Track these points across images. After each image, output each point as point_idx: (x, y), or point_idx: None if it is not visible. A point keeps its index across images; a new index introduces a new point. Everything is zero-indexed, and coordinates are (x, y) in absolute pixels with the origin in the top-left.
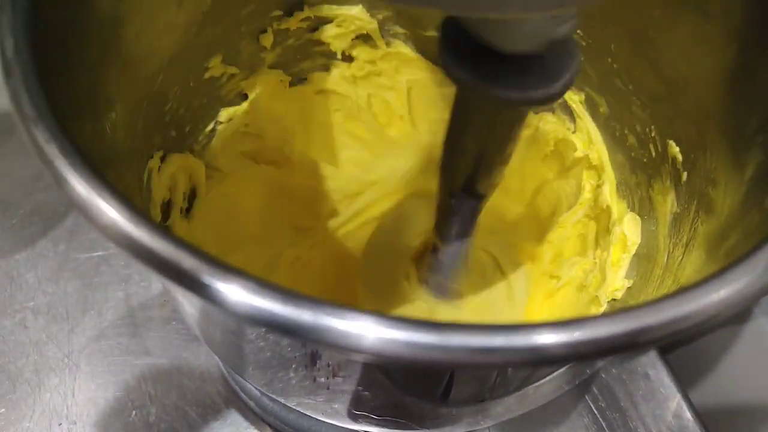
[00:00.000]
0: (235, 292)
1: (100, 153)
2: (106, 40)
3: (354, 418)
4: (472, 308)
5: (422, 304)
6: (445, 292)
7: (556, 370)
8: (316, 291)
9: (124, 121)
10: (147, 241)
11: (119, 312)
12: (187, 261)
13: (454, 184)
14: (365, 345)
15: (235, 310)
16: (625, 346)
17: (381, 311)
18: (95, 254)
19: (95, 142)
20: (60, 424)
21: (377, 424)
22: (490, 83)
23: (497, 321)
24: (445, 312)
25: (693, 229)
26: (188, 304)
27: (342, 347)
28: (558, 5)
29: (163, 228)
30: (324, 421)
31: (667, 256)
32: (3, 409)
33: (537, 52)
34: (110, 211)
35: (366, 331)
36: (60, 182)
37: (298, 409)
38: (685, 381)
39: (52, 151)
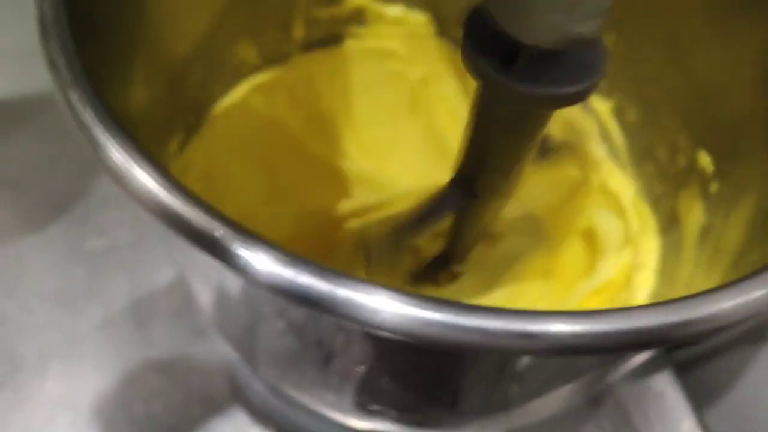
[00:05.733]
0: (263, 263)
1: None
2: (138, 20)
3: (368, 414)
4: None
5: None
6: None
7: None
8: None
9: (146, 103)
10: (178, 206)
11: (126, 301)
12: (217, 229)
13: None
14: (394, 322)
15: (263, 280)
16: (653, 342)
17: None
18: (105, 241)
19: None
20: (62, 413)
21: (391, 420)
22: (512, 77)
23: None
24: None
25: (719, 240)
26: (206, 289)
27: (371, 324)
28: None
29: (193, 194)
30: (332, 422)
31: (692, 267)
32: (5, 395)
33: (559, 47)
34: (142, 175)
35: (400, 309)
36: (94, 146)
37: (309, 405)
38: (699, 402)
39: (89, 114)
